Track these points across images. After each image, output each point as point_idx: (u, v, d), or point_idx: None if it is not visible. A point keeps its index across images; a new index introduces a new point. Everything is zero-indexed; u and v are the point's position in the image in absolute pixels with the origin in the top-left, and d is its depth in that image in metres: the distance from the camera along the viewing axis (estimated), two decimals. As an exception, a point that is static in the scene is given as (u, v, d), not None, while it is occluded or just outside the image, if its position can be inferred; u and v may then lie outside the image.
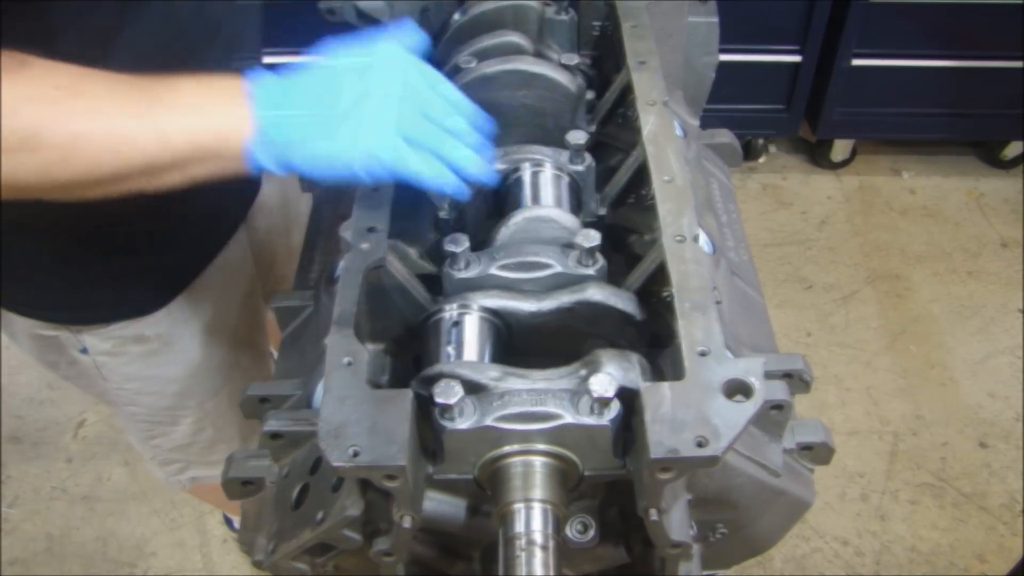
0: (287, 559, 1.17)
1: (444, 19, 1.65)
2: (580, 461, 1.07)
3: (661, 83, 1.38)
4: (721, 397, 0.99)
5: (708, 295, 1.10)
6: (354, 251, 1.17)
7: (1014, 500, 3.09)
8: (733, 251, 1.48)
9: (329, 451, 0.98)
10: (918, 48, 3.74)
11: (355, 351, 1.06)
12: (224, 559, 3.02)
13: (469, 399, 1.04)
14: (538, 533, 1.02)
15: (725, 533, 1.26)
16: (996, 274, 3.83)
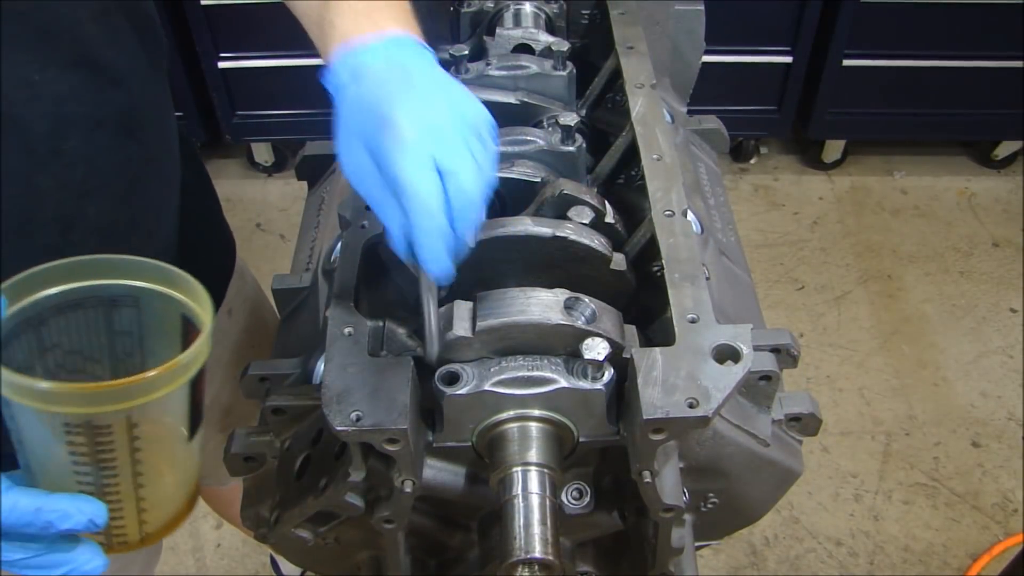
0: (290, 527, 1.19)
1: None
2: (575, 427, 1.10)
3: (649, 67, 1.42)
4: (711, 361, 1.03)
5: (697, 266, 1.13)
6: (353, 228, 1.20)
7: (1007, 499, 3.11)
8: (721, 232, 1.51)
9: (332, 416, 1.00)
10: (909, 48, 3.76)
11: (355, 322, 1.09)
12: (218, 563, 3.02)
13: (468, 366, 1.07)
14: (535, 494, 1.05)
15: (716, 503, 1.28)
16: (988, 274, 3.85)
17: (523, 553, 1.03)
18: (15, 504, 0.86)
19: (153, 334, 0.98)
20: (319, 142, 1.71)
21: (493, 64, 1.46)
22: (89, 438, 0.86)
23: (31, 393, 0.82)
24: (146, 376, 0.84)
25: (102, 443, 0.87)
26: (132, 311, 0.96)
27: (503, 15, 1.62)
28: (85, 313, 0.94)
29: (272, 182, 4.30)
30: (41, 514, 0.86)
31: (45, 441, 0.87)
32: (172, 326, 0.96)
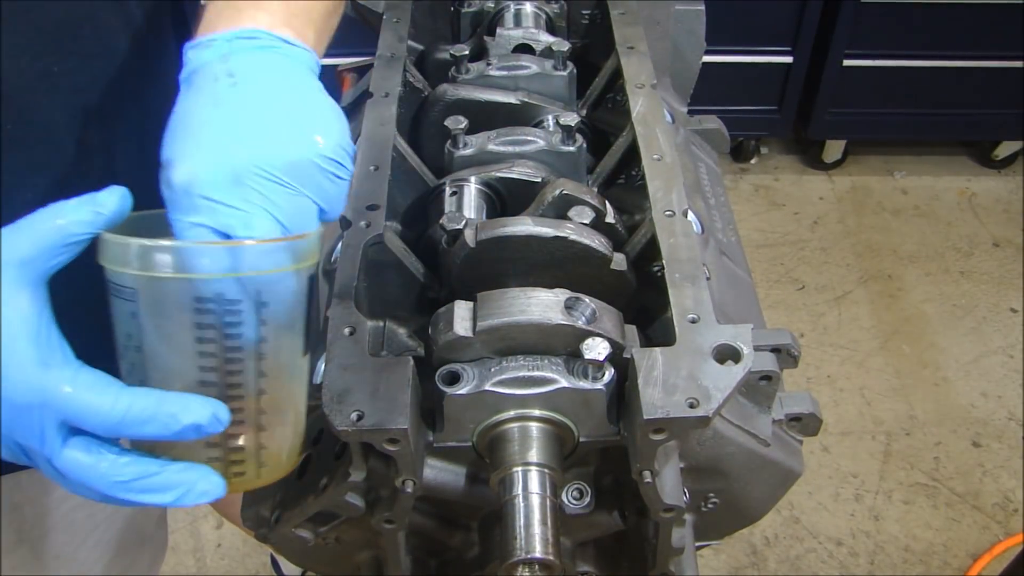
0: (291, 527, 1.19)
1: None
2: (575, 427, 1.10)
3: (650, 67, 1.42)
4: (712, 361, 1.03)
5: (698, 266, 1.13)
6: (354, 228, 1.19)
7: (1007, 499, 3.11)
8: (721, 232, 1.51)
9: (332, 416, 1.00)
10: (909, 48, 3.77)
11: (356, 322, 1.09)
12: (218, 563, 3.03)
13: (468, 366, 1.07)
14: (535, 494, 1.05)
15: (717, 503, 1.28)
16: (988, 274, 3.85)
17: (523, 553, 1.03)
18: (133, 401, 0.81)
19: None
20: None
21: (493, 64, 1.46)
22: (219, 319, 0.85)
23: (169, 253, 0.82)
24: (277, 239, 0.84)
25: (231, 325, 0.86)
26: None
27: (503, 15, 1.62)
28: None
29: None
30: (164, 405, 0.82)
31: (172, 333, 0.85)
32: None
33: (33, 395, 0.80)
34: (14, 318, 0.80)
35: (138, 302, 0.83)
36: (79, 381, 0.81)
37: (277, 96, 0.90)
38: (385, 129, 1.33)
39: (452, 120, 1.32)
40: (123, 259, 0.82)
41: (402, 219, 1.33)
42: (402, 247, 1.21)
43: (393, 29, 1.52)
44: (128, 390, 0.82)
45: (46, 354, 0.81)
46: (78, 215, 0.82)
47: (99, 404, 0.81)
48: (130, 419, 0.81)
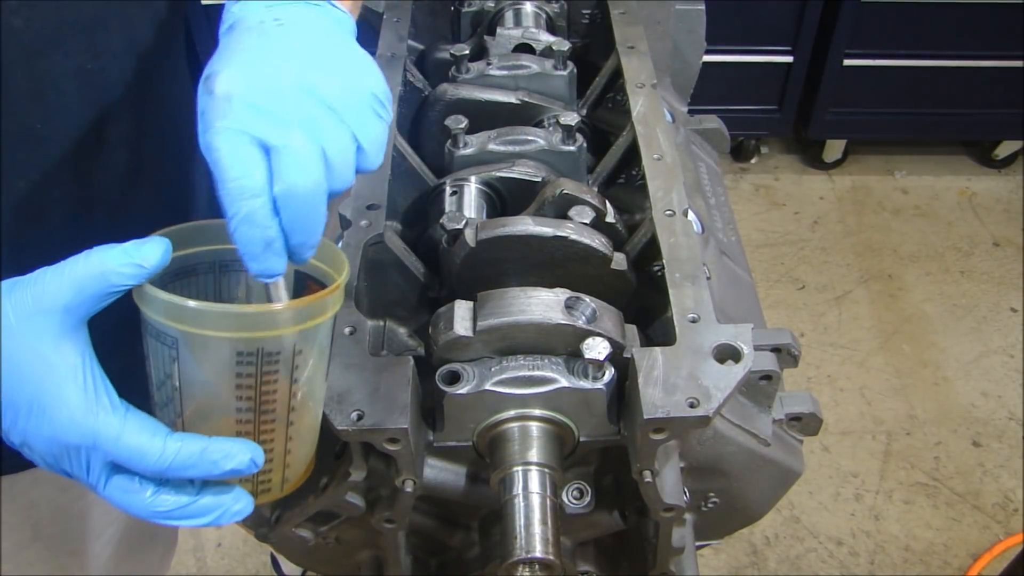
0: (291, 527, 1.19)
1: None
2: (576, 426, 1.10)
3: (650, 67, 1.42)
4: (712, 361, 1.03)
5: (698, 266, 1.13)
6: (353, 227, 1.19)
7: (1008, 499, 3.11)
8: (721, 232, 1.51)
9: (333, 416, 1.00)
10: (909, 48, 3.77)
11: (356, 321, 1.09)
12: (218, 563, 3.03)
13: (468, 366, 1.07)
14: (536, 493, 1.05)
15: (717, 503, 1.28)
16: (989, 273, 3.85)
17: (524, 553, 1.03)
18: (181, 447, 0.84)
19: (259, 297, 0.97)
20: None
21: (494, 64, 1.46)
22: (257, 367, 0.87)
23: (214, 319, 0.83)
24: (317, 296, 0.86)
25: (268, 373, 0.87)
26: (240, 275, 0.97)
27: (504, 15, 1.62)
28: (198, 279, 0.95)
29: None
30: (207, 454, 0.85)
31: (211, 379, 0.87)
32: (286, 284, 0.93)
33: (82, 439, 0.83)
34: (60, 365, 0.82)
35: (179, 349, 0.85)
36: (127, 428, 0.83)
37: (323, 40, 0.90)
38: (385, 129, 1.33)
39: (452, 120, 1.32)
40: (167, 313, 0.84)
41: (402, 219, 1.33)
42: (402, 247, 1.21)
43: (393, 28, 1.52)
44: (173, 437, 0.84)
45: (93, 400, 0.83)
46: (121, 267, 0.82)
47: (147, 452, 0.83)
48: (175, 466, 0.84)
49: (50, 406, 0.82)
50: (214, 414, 0.89)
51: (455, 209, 1.28)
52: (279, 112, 0.82)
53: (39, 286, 0.82)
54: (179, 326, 0.84)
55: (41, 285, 0.82)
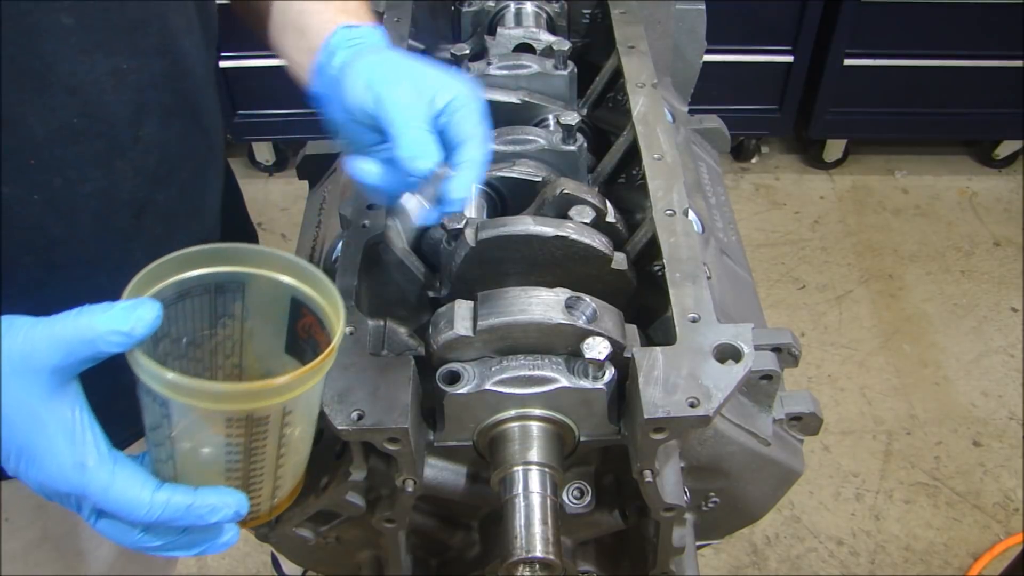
0: (291, 526, 1.19)
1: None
2: (576, 426, 1.10)
3: (650, 66, 1.42)
4: (712, 360, 1.03)
5: (698, 265, 1.13)
6: (354, 227, 1.20)
7: (1008, 499, 3.11)
8: (722, 231, 1.51)
9: (333, 415, 1.01)
10: (910, 48, 3.76)
11: (357, 321, 1.09)
12: (219, 563, 3.02)
13: (469, 365, 1.07)
14: (536, 493, 1.05)
15: (717, 502, 1.28)
16: (989, 273, 3.85)
17: (524, 552, 1.03)
18: (168, 501, 0.88)
19: (256, 316, 1.00)
20: (320, 141, 1.71)
21: (494, 63, 1.46)
22: (248, 429, 0.89)
23: (204, 395, 0.85)
24: (309, 367, 0.87)
25: (257, 432, 0.90)
26: (236, 295, 0.98)
27: (504, 14, 1.62)
28: (192, 301, 0.96)
29: (273, 181, 4.30)
30: (192, 510, 0.89)
31: (201, 438, 0.91)
32: (277, 308, 0.98)
33: (71, 489, 0.88)
34: (50, 420, 0.86)
35: (169, 409, 0.88)
36: (115, 482, 0.87)
37: None
38: (386, 128, 1.33)
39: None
40: (157, 381, 0.85)
41: (402, 218, 1.33)
42: (402, 246, 1.21)
43: (394, 28, 1.52)
44: (160, 491, 0.89)
45: (82, 454, 0.87)
46: (109, 336, 0.84)
47: (134, 506, 0.88)
48: (162, 519, 0.89)
49: (40, 457, 0.87)
50: (205, 463, 0.92)
51: None
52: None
53: (29, 344, 0.85)
54: (169, 394, 0.86)
55: (31, 344, 0.85)
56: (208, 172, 1.34)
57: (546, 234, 1.12)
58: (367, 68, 1.09)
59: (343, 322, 0.92)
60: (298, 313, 0.97)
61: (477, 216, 1.28)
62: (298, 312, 0.97)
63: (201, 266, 0.95)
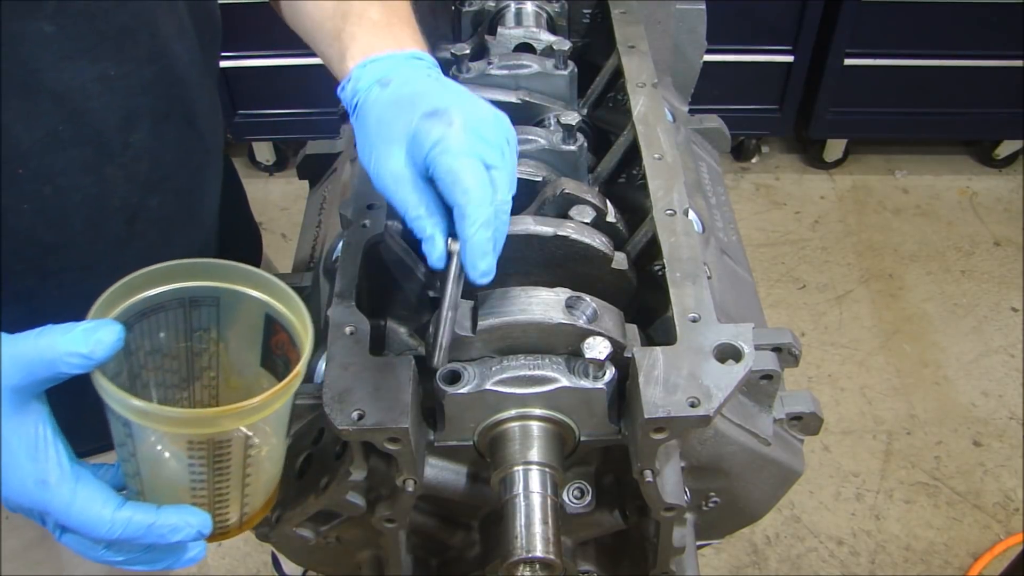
0: (292, 526, 1.19)
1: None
2: (576, 426, 1.10)
3: (650, 66, 1.42)
4: (712, 360, 1.03)
5: (698, 265, 1.13)
6: (354, 227, 1.20)
7: (1008, 499, 3.11)
8: (722, 231, 1.51)
9: (334, 415, 1.01)
10: (910, 48, 3.76)
11: (357, 321, 1.09)
12: (219, 563, 3.02)
13: (469, 365, 1.07)
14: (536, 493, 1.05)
15: (718, 502, 1.28)
16: (989, 273, 3.85)
17: (524, 552, 1.03)
18: (130, 520, 0.89)
19: (230, 330, 1.01)
20: (320, 141, 1.71)
21: (494, 63, 1.46)
22: (209, 452, 0.90)
23: (163, 420, 0.87)
24: (268, 394, 0.88)
25: (221, 455, 0.91)
26: (211, 309, 0.99)
27: (504, 14, 1.62)
28: (166, 314, 0.97)
29: (273, 181, 4.30)
30: (154, 529, 0.90)
31: (165, 458, 0.92)
32: (252, 324, 0.99)
33: (34, 505, 0.88)
34: (13, 438, 0.87)
35: (132, 429, 0.89)
36: (77, 499, 0.88)
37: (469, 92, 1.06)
38: (386, 128, 1.33)
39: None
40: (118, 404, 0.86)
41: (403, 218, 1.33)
42: (403, 246, 1.21)
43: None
44: (122, 509, 0.90)
45: (44, 471, 0.88)
46: (69, 358, 0.85)
47: (95, 524, 0.89)
48: (124, 537, 0.89)
49: (4, 474, 0.87)
50: (170, 481, 0.93)
51: None
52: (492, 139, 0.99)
53: None
54: (130, 416, 0.87)
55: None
56: (205, 176, 1.34)
57: (546, 234, 1.13)
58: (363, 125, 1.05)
59: (310, 344, 0.92)
60: (272, 329, 0.98)
61: None
62: (272, 328, 0.98)
63: (173, 281, 0.96)
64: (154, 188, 1.21)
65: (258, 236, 1.76)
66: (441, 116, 0.97)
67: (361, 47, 1.11)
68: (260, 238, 1.77)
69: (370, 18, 1.14)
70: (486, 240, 0.95)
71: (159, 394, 1.01)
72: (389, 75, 1.06)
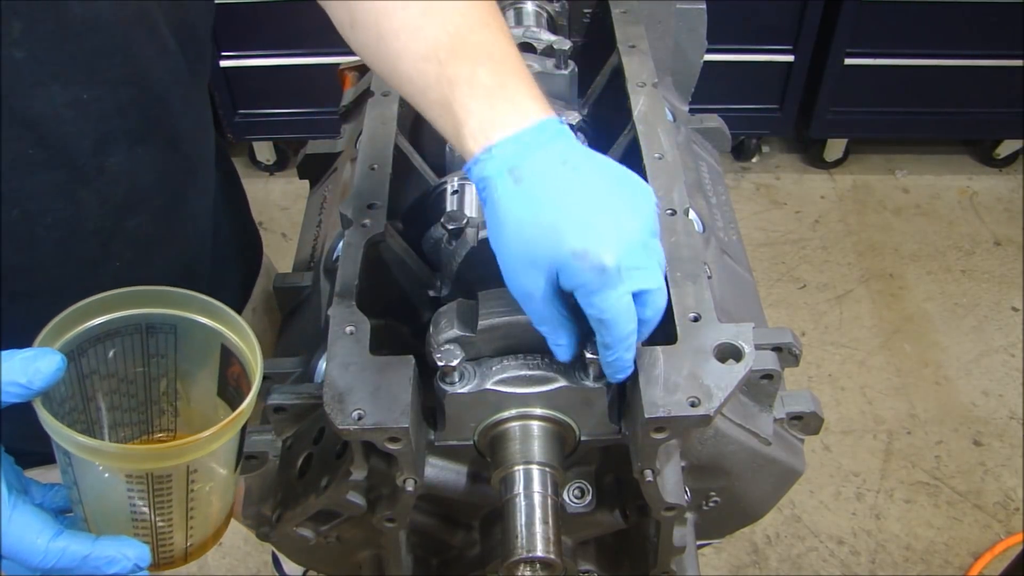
0: (292, 526, 1.19)
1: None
2: (577, 425, 1.10)
3: (651, 66, 1.42)
4: (713, 360, 1.03)
5: (699, 265, 1.13)
6: (355, 227, 1.20)
7: (1009, 498, 3.11)
8: (723, 231, 1.51)
9: (334, 415, 1.01)
10: (910, 47, 3.76)
11: (357, 320, 1.09)
12: (219, 562, 3.02)
13: (469, 364, 1.07)
14: (537, 492, 1.05)
15: (718, 502, 1.28)
16: (990, 272, 3.85)
17: (525, 552, 1.03)
18: (64, 551, 0.88)
19: (188, 358, 1.02)
20: (321, 141, 1.71)
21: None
22: (148, 485, 0.90)
23: (98, 453, 0.87)
24: (207, 433, 0.88)
25: (161, 488, 0.91)
26: (168, 336, 0.99)
27: (504, 13, 1.62)
28: (122, 340, 0.97)
29: (274, 181, 4.30)
30: (88, 561, 0.89)
31: (105, 489, 0.91)
32: (209, 353, 0.99)
33: None
34: None
35: (71, 459, 0.89)
36: (11, 527, 0.88)
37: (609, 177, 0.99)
38: (386, 128, 1.33)
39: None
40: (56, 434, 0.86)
41: (403, 218, 1.33)
42: (403, 246, 1.21)
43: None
44: (57, 539, 0.89)
45: None
46: (7, 385, 0.85)
47: (28, 553, 0.88)
48: (59, 566, 0.89)
49: None
50: (110, 511, 0.93)
51: (456, 208, 1.28)
52: (645, 265, 0.95)
53: None
54: (69, 448, 0.87)
55: None
56: (187, 196, 1.31)
57: None
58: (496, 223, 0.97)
59: (258, 381, 0.92)
60: (227, 360, 0.99)
61: (478, 215, 1.27)
62: (227, 360, 0.99)
63: (129, 307, 0.96)
64: (131, 210, 1.19)
65: (258, 238, 1.76)
66: (588, 258, 0.92)
67: (480, 124, 0.97)
68: (260, 240, 1.77)
69: (482, 84, 0.98)
70: (627, 361, 0.99)
71: (114, 418, 1.01)
72: (519, 165, 0.95)
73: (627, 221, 0.95)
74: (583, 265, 0.92)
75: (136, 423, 1.04)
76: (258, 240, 1.75)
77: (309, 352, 1.29)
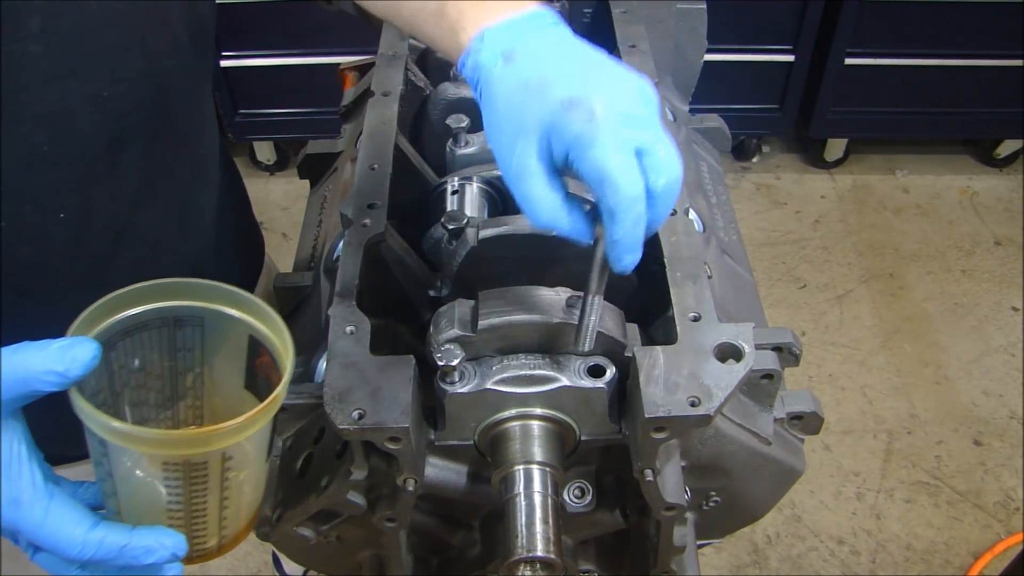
0: (292, 526, 1.19)
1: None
2: (577, 425, 1.10)
3: (651, 65, 1.42)
4: (713, 360, 1.03)
5: (699, 265, 1.13)
6: (355, 227, 1.20)
7: (1009, 498, 3.11)
8: (723, 231, 1.51)
9: (334, 415, 1.01)
10: (911, 47, 3.76)
11: (357, 320, 1.09)
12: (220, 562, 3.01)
13: (470, 364, 1.07)
14: (537, 492, 1.05)
15: (718, 501, 1.28)
16: (990, 272, 3.85)
17: (525, 552, 1.03)
18: (102, 540, 0.88)
19: (216, 351, 1.01)
20: (321, 141, 1.71)
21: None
22: (185, 472, 0.90)
23: (135, 440, 0.86)
24: (243, 418, 0.87)
25: (197, 476, 0.91)
26: (196, 329, 0.98)
27: (505, 14, 1.62)
28: (150, 333, 0.96)
29: (274, 181, 4.30)
30: (126, 551, 0.89)
31: (140, 480, 0.91)
32: (237, 345, 0.98)
33: (6, 524, 0.87)
34: None
35: (107, 448, 0.88)
36: (49, 519, 0.87)
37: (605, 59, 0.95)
38: (386, 128, 1.33)
39: (454, 118, 1.32)
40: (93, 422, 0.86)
41: (403, 217, 1.33)
42: (403, 246, 1.21)
43: (395, 27, 1.51)
44: (96, 529, 0.88)
45: (17, 489, 0.86)
46: (43, 375, 0.84)
47: (67, 545, 0.87)
48: (96, 559, 0.88)
49: None
50: (146, 502, 0.93)
51: (457, 208, 1.28)
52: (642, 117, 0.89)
53: None
54: (107, 436, 0.86)
55: None
56: (195, 191, 1.32)
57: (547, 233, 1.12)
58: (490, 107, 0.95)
59: (291, 368, 0.92)
60: (256, 351, 0.98)
61: (478, 215, 1.28)
62: (256, 351, 0.98)
63: (157, 300, 0.95)
64: (142, 206, 1.20)
65: (260, 237, 1.76)
66: (580, 106, 0.87)
67: (473, 17, 0.96)
68: (262, 239, 1.77)
69: None
70: (635, 239, 0.90)
71: (141, 413, 1.01)
72: (512, 46, 0.93)
73: (622, 78, 0.92)
74: (573, 116, 0.87)
75: (163, 419, 1.03)
76: (260, 239, 1.75)
77: (309, 352, 1.29)
